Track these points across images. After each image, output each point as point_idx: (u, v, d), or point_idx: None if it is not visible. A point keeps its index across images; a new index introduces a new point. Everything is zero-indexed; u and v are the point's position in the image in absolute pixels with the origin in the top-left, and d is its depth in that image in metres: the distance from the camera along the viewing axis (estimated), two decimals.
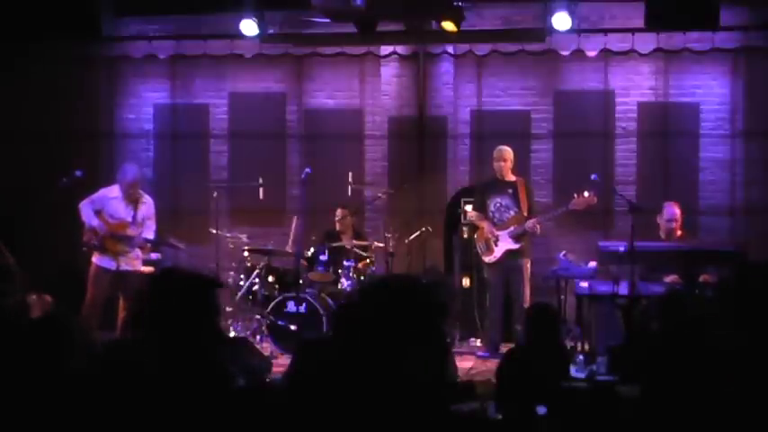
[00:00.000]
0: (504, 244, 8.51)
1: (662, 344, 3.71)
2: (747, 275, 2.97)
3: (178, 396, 2.71)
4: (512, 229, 8.52)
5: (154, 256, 9.33)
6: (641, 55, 9.80)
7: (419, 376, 2.38)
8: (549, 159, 10.18)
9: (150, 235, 8.24)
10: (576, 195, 8.36)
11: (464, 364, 7.94)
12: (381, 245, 9.01)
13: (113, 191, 8.13)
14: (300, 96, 10.53)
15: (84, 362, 3.11)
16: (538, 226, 8.49)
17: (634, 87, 10.05)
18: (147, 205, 8.22)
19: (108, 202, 8.07)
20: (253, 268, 8.88)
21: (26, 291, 7.52)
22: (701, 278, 7.54)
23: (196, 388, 2.75)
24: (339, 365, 2.44)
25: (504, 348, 7.83)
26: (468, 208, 9.28)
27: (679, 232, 8.22)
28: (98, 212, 8.05)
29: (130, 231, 8.07)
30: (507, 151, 8.68)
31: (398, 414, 2.38)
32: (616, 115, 10.05)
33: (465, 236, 9.48)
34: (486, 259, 8.63)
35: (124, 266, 7.99)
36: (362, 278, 8.81)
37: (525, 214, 8.54)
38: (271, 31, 9.19)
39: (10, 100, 10.15)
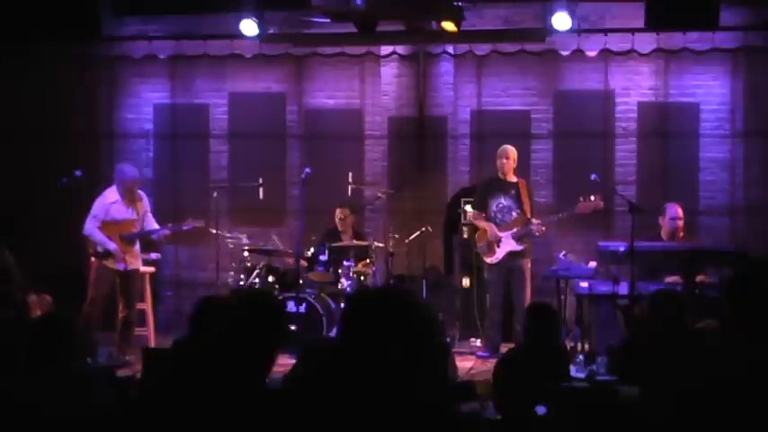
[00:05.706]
0: (508, 245, 8.49)
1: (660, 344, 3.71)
2: (749, 272, 2.96)
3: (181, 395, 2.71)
4: (515, 230, 8.50)
5: (154, 255, 9.33)
6: (641, 55, 9.79)
7: (419, 379, 2.38)
8: (549, 159, 10.17)
9: (154, 227, 8.27)
10: (582, 199, 8.34)
11: (464, 364, 7.94)
12: (381, 245, 9.01)
13: (110, 196, 8.09)
14: (300, 96, 10.52)
15: (83, 362, 3.11)
16: (543, 228, 8.48)
17: (634, 87, 10.04)
18: (144, 201, 8.27)
19: (109, 208, 8.06)
20: (253, 268, 8.88)
21: (26, 290, 7.56)
22: (698, 278, 7.54)
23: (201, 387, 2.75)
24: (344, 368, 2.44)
25: (504, 348, 7.83)
26: (469, 208, 9.27)
27: (681, 233, 8.21)
28: (102, 221, 8.03)
29: (135, 229, 8.13)
30: (512, 151, 8.65)
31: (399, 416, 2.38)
32: (616, 115, 10.04)
33: (465, 236, 9.47)
34: (488, 260, 8.61)
35: (129, 266, 8.02)
36: (362, 279, 8.80)
37: (528, 216, 8.53)
38: (271, 31, 9.18)
39: (10, 100, 10.15)
